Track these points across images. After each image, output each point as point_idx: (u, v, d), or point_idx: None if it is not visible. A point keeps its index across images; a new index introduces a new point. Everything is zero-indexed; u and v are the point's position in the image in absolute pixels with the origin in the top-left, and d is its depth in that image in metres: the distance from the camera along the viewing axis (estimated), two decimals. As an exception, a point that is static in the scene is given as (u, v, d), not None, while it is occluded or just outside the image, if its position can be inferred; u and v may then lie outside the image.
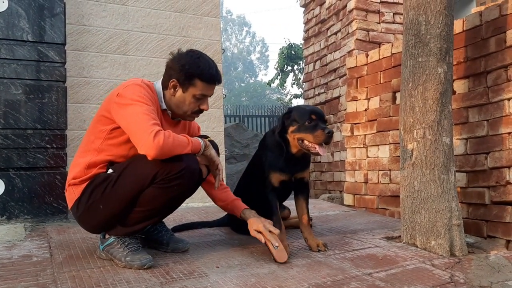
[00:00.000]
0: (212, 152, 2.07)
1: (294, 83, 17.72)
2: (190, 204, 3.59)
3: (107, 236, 2.04)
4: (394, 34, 4.59)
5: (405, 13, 2.53)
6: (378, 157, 3.49)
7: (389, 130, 3.37)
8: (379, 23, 4.57)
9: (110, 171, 1.96)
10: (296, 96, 18.37)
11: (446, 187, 2.34)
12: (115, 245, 1.99)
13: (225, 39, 46.97)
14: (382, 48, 3.52)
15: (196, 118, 2.22)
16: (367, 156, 3.60)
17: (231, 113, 14.94)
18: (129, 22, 3.71)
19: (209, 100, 2.16)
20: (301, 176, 2.38)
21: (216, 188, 2.17)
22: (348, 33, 4.59)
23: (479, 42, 2.68)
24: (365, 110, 3.63)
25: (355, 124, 3.73)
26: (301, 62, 15.96)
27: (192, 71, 2.02)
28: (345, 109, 4.16)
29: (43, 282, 1.77)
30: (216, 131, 4.00)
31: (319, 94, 5.19)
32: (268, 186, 2.31)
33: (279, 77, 17.27)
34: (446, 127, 2.38)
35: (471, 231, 2.67)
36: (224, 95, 4.54)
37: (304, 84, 5.68)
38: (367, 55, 3.65)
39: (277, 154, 2.32)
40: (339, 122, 4.66)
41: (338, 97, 4.76)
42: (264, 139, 2.50)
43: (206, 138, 2.13)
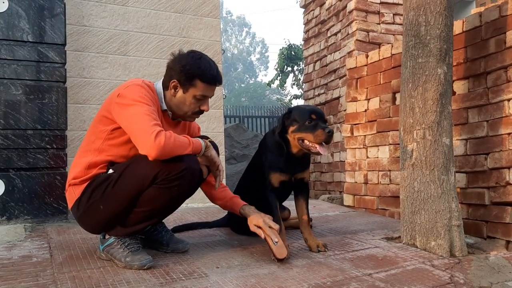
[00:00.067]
0: (213, 153, 2.07)
1: (294, 84, 17.74)
2: (190, 204, 3.60)
3: (107, 236, 2.04)
4: (394, 35, 4.59)
5: (405, 14, 2.54)
6: (378, 157, 3.49)
7: (389, 131, 3.38)
8: (379, 24, 4.57)
9: (111, 171, 1.97)
10: (296, 96, 18.37)
11: (446, 187, 2.34)
12: (115, 245, 1.99)
13: (225, 40, 46.99)
14: (382, 49, 3.52)
15: (196, 118, 2.23)
16: (367, 157, 3.60)
17: (231, 113, 14.96)
18: (129, 23, 3.71)
19: (209, 100, 2.16)
20: (301, 176, 2.38)
21: (216, 188, 2.17)
22: (348, 34, 4.60)
23: (479, 43, 2.68)
24: (365, 111, 3.64)
25: (355, 124, 3.74)
26: (301, 62, 15.97)
27: (193, 71, 2.02)
28: (345, 110, 4.16)
29: (43, 283, 1.77)
30: (216, 132, 4.00)
31: (319, 94, 5.19)
32: (268, 186, 2.32)
33: (279, 77, 17.29)
34: (446, 128, 2.38)
35: (471, 232, 2.67)
36: (224, 96, 4.54)
37: (304, 84, 5.68)
38: (367, 56, 3.66)
39: (277, 154, 2.32)
40: (339, 123, 4.66)
41: (338, 98, 4.76)
42: (264, 139, 2.50)
43: (207, 138, 2.13)
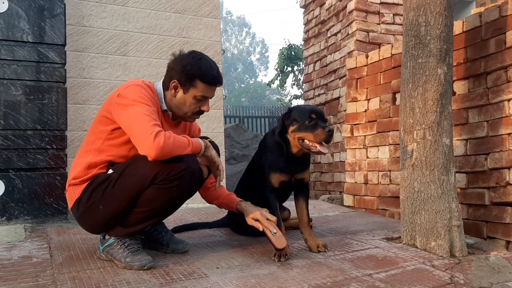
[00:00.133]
0: (213, 153, 2.07)
1: (294, 84, 17.73)
2: (190, 205, 3.59)
3: (107, 237, 2.04)
4: (394, 35, 4.59)
5: (405, 14, 2.53)
6: (378, 158, 3.49)
7: (389, 131, 3.38)
8: (379, 24, 4.57)
9: (110, 171, 1.97)
10: (296, 97, 18.37)
11: (446, 188, 2.34)
12: (115, 246, 1.99)
13: (225, 40, 46.99)
14: (382, 49, 3.52)
15: (197, 119, 2.22)
16: (367, 157, 3.60)
17: (231, 113, 14.96)
18: (129, 23, 3.71)
19: (209, 101, 2.16)
20: (301, 176, 2.38)
21: (216, 188, 2.17)
22: (348, 34, 4.60)
23: (479, 43, 2.68)
24: (365, 111, 3.63)
25: (355, 125, 3.74)
26: (301, 63, 15.97)
27: (193, 72, 2.02)
28: (345, 110, 4.16)
29: (43, 283, 1.77)
30: (216, 132, 4.00)
31: (319, 95, 5.19)
32: (268, 186, 2.31)
33: (279, 78, 17.28)
34: (446, 128, 2.38)
35: (471, 232, 2.67)
36: (224, 96, 4.53)
37: (304, 85, 5.68)
38: (367, 56, 3.66)
39: (277, 154, 2.32)
40: (339, 123, 4.66)
41: (338, 98, 4.76)
42: (264, 139, 2.50)
43: (207, 139, 2.13)
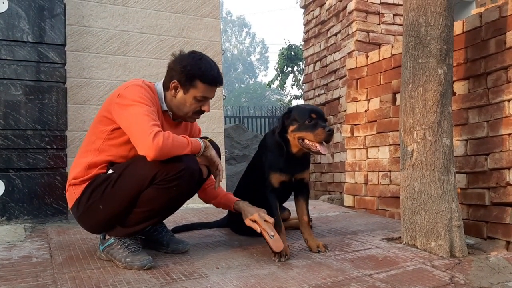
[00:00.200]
0: (212, 153, 2.07)
1: (294, 84, 17.73)
2: (190, 205, 3.59)
3: (107, 237, 2.04)
4: (394, 35, 4.59)
5: (405, 14, 2.53)
6: (378, 158, 3.49)
7: (389, 131, 3.38)
8: (379, 24, 4.57)
9: (110, 171, 1.97)
10: (296, 97, 18.37)
11: (446, 188, 2.34)
12: (115, 246, 1.99)
13: (225, 40, 47.00)
14: (382, 49, 3.52)
15: (197, 119, 2.22)
16: (367, 157, 3.60)
17: (231, 114, 14.96)
18: (129, 23, 3.71)
19: (210, 101, 2.16)
20: (301, 177, 2.38)
21: (216, 188, 2.17)
22: (348, 34, 4.60)
23: (479, 44, 2.68)
24: (365, 111, 3.63)
25: (355, 125, 3.74)
26: (301, 63, 15.97)
27: (194, 72, 2.02)
28: (345, 110, 4.16)
29: (43, 283, 1.77)
30: (216, 132, 4.00)
31: (319, 95, 5.19)
32: (268, 186, 2.31)
33: (279, 78, 17.28)
34: (446, 128, 2.38)
35: (471, 232, 2.67)
36: (224, 96, 4.53)
37: (304, 85, 5.68)
38: (367, 56, 3.66)
39: (277, 154, 2.32)
40: (339, 123, 4.66)
41: (338, 98, 4.76)
42: (264, 139, 2.50)
43: (207, 139, 2.13)
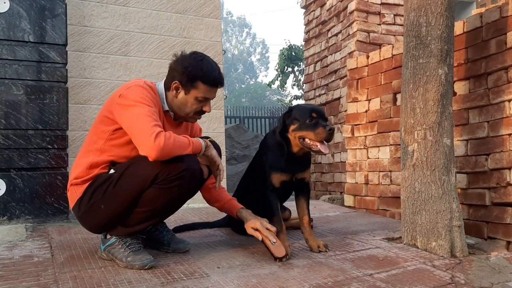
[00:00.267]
0: (213, 152, 2.07)
1: (294, 85, 17.71)
2: (191, 205, 3.60)
3: (108, 236, 2.04)
4: (394, 35, 4.59)
5: (405, 14, 2.54)
6: (378, 158, 3.49)
7: (389, 131, 3.38)
8: (379, 24, 4.58)
9: (112, 171, 1.97)
10: (297, 97, 18.35)
11: (446, 188, 2.34)
12: (116, 245, 1.99)
13: (226, 41, 47.01)
14: (382, 49, 3.52)
15: (198, 119, 2.23)
16: (368, 157, 3.60)
17: (231, 114, 14.96)
18: (130, 23, 3.72)
19: (210, 101, 2.16)
20: (302, 176, 2.38)
21: (216, 188, 2.18)
22: (348, 35, 4.60)
23: (480, 44, 2.69)
24: (366, 111, 3.64)
25: (356, 125, 3.74)
26: (301, 63, 15.96)
27: (195, 73, 2.02)
28: (345, 110, 4.16)
29: (45, 282, 1.77)
30: (216, 132, 4.00)
31: (319, 95, 5.19)
32: (268, 186, 2.32)
33: (279, 78, 17.25)
34: (447, 128, 2.39)
35: (472, 232, 2.67)
36: (225, 96, 4.54)
37: (305, 85, 5.68)
38: (368, 57, 3.66)
39: (278, 154, 2.32)
40: (340, 123, 4.66)
41: (339, 98, 4.76)
42: (265, 139, 2.50)
43: (208, 138, 2.13)
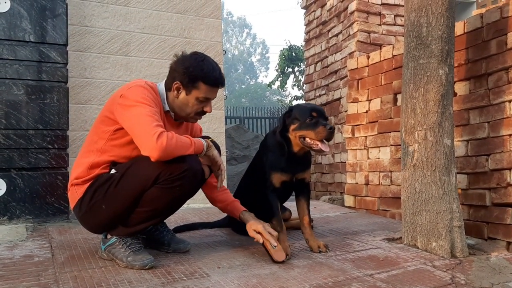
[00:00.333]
0: (215, 153, 2.08)
1: (294, 85, 17.71)
2: (191, 205, 3.60)
3: (109, 236, 2.04)
4: (395, 36, 4.60)
5: (406, 15, 2.54)
6: (379, 158, 3.49)
7: (390, 132, 3.38)
8: (380, 25, 4.58)
9: (113, 171, 1.97)
10: (297, 97, 18.35)
11: (447, 188, 2.34)
12: (116, 245, 1.99)
13: (226, 41, 47.01)
14: (383, 50, 3.53)
15: (199, 119, 2.23)
16: (368, 158, 3.60)
17: (231, 114, 14.95)
18: (131, 23, 3.72)
19: (211, 102, 2.16)
20: (302, 176, 2.38)
21: (218, 188, 2.18)
22: (349, 35, 4.60)
23: (480, 44, 2.69)
24: (366, 112, 3.64)
25: (356, 125, 3.74)
26: (301, 63, 15.96)
27: (196, 74, 2.02)
28: (346, 111, 4.16)
29: (45, 282, 1.77)
30: (217, 132, 4.00)
31: (320, 95, 5.19)
32: (269, 186, 2.32)
33: (279, 78, 17.25)
34: (447, 129, 2.39)
35: (472, 233, 2.67)
36: (225, 97, 4.55)
37: (305, 85, 5.69)
38: (368, 57, 3.66)
39: (278, 154, 2.32)
40: (340, 124, 4.66)
41: (339, 99, 4.76)
42: (265, 139, 2.50)
43: (208, 138, 2.13)
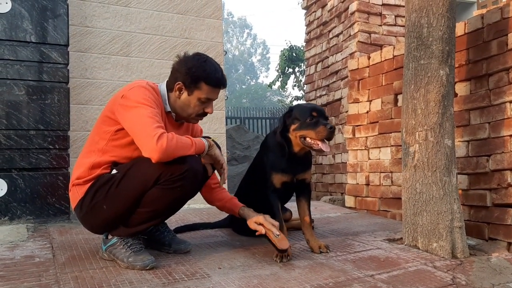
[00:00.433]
0: (217, 152, 2.08)
1: (295, 85, 17.73)
2: (192, 205, 3.60)
3: (109, 236, 2.04)
4: (396, 36, 4.60)
5: (407, 15, 2.54)
6: (379, 159, 3.49)
7: (390, 132, 3.38)
8: (381, 25, 4.58)
9: (114, 171, 1.97)
10: (297, 98, 18.37)
11: (448, 189, 2.34)
12: (117, 245, 2.00)
13: (226, 41, 47.02)
14: (384, 50, 3.52)
15: (200, 120, 2.23)
16: (369, 158, 3.60)
17: (232, 115, 14.95)
18: (132, 24, 3.72)
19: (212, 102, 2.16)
20: (302, 177, 2.38)
21: (221, 186, 2.18)
22: (350, 35, 4.60)
23: (481, 45, 2.69)
24: (367, 112, 3.64)
25: (357, 126, 3.74)
26: (302, 64, 15.97)
27: (198, 74, 2.03)
28: (346, 111, 4.16)
29: (46, 283, 1.78)
30: (217, 133, 4.00)
31: (320, 96, 5.19)
32: (269, 187, 2.32)
33: (280, 79, 17.27)
34: (448, 129, 2.39)
35: (473, 233, 2.67)
36: (226, 97, 4.55)
37: (306, 86, 5.69)
38: (369, 57, 3.66)
39: (279, 154, 2.32)
40: (341, 124, 4.66)
41: (340, 99, 4.76)
42: (265, 140, 2.51)
43: (210, 138, 2.13)
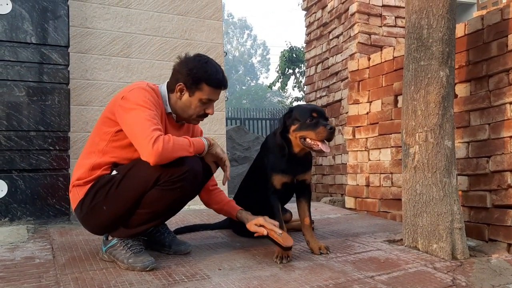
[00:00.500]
0: (218, 150, 2.09)
1: (295, 86, 17.74)
2: (192, 206, 3.60)
3: (110, 237, 2.04)
4: (396, 37, 4.60)
5: (407, 17, 2.54)
6: (380, 160, 3.49)
7: (391, 133, 3.38)
8: (381, 26, 4.59)
9: (114, 172, 1.97)
10: (297, 99, 18.38)
11: (448, 190, 2.34)
12: (117, 247, 2.00)
13: (227, 42, 47.05)
14: (384, 51, 3.53)
15: (201, 121, 2.23)
16: (369, 159, 3.61)
17: (232, 115, 14.95)
18: (132, 25, 3.73)
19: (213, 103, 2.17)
20: (303, 178, 2.38)
21: (224, 183, 2.19)
22: (350, 37, 4.61)
23: (481, 46, 2.69)
24: (367, 113, 3.64)
25: (357, 127, 3.74)
26: (302, 65, 15.99)
27: (200, 75, 2.03)
28: (346, 112, 4.16)
29: (46, 284, 1.77)
30: (218, 134, 4.01)
31: (320, 97, 5.20)
32: (270, 188, 2.32)
33: (280, 80, 17.29)
34: (448, 131, 2.39)
35: (473, 235, 2.67)
36: (226, 98, 4.55)
37: (306, 87, 5.69)
38: (369, 59, 3.66)
39: (279, 155, 2.32)
40: (341, 125, 4.66)
41: (340, 100, 4.77)
42: (265, 141, 2.51)
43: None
